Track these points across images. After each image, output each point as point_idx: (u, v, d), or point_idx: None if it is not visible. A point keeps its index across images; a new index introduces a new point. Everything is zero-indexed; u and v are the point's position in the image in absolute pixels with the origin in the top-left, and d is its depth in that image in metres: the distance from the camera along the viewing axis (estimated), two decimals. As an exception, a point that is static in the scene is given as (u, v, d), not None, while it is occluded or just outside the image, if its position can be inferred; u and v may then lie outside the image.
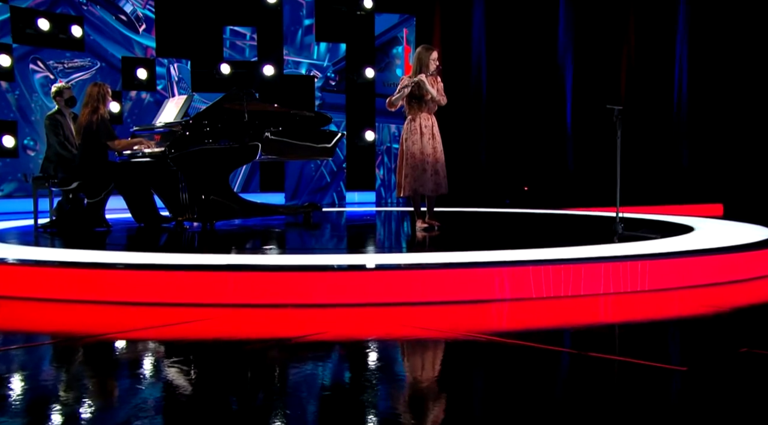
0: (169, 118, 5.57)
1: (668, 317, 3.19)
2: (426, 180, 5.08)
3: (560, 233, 5.51)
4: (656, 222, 5.97)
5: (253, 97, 5.84)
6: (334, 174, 10.39)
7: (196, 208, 5.45)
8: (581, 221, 6.40)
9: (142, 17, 9.62)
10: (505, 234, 5.43)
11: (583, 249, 4.00)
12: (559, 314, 3.17)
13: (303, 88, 10.23)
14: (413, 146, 5.10)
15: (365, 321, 2.95)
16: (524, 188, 10.40)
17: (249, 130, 5.58)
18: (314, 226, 6.17)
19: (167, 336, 2.71)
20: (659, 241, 4.37)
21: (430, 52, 5.16)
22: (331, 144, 6.51)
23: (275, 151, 5.91)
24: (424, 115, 5.15)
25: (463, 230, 5.75)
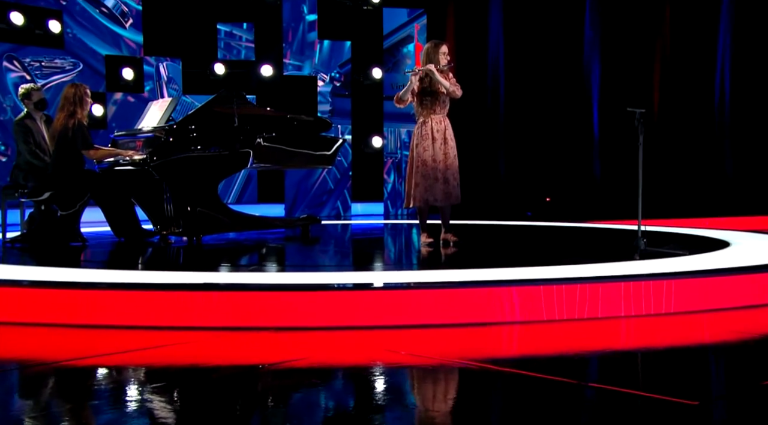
0: (152, 122, 5.63)
1: (689, 344, 3.15)
2: (437, 190, 5.09)
3: (579, 248, 5.50)
4: (688, 237, 5.94)
5: (245, 99, 5.87)
6: (338, 183, 10.42)
7: (182, 221, 5.48)
8: (604, 236, 6.37)
9: (128, 12, 9.73)
10: (519, 250, 5.44)
11: (601, 267, 3.98)
12: (570, 339, 3.15)
13: (305, 91, 10.28)
14: (424, 153, 5.10)
15: (351, 345, 2.96)
16: (546, 199, 10.37)
17: (239, 136, 5.61)
18: (312, 241, 6.18)
19: (139, 362, 2.73)
20: (686, 258, 4.35)
21: (439, 46, 5.18)
22: (330, 151, 6.53)
23: (269, 159, 5.92)
24: (437, 117, 5.15)
25: (474, 244, 5.76)
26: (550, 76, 10.50)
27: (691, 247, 4.98)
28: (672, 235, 6.03)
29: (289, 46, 10.20)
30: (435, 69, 5.07)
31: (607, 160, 10.41)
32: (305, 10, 10.29)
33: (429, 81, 5.13)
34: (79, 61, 9.43)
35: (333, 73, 10.37)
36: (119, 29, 9.70)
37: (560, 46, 10.53)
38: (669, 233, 6.26)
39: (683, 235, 6.10)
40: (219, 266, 4.52)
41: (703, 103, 10.58)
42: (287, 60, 10.18)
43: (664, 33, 10.56)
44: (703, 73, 10.57)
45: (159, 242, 5.69)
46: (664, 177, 10.23)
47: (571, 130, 10.59)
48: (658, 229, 6.49)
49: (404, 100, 5.20)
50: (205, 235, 5.62)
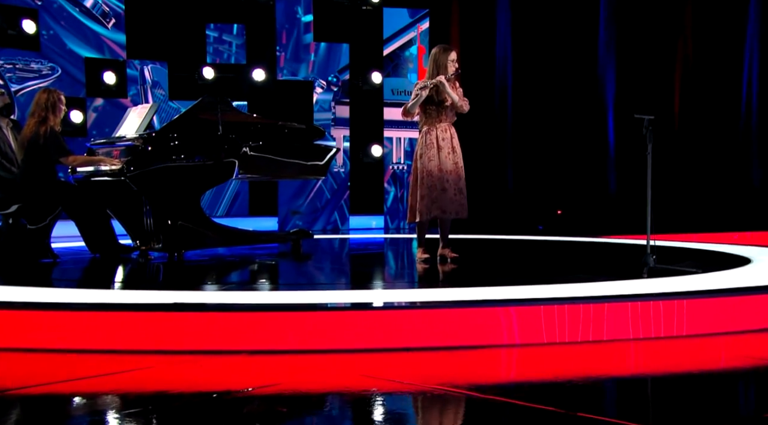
0: (131, 130, 5.64)
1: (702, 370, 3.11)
2: (447, 202, 5.07)
3: (586, 265, 5.49)
4: (706, 253, 5.92)
5: (230, 106, 5.90)
6: (335, 195, 10.42)
7: (162, 236, 5.48)
8: (615, 251, 6.35)
9: (110, 12, 9.77)
10: (521, 267, 5.43)
11: (607, 285, 3.97)
12: (571, 363, 3.12)
13: (300, 97, 10.31)
14: (430, 163, 5.10)
15: (326, 370, 2.94)
16: (557, 212, 10.34)
17: (224, 144, 5.63)
18: (303, 257, 6.18)
19: (99, 389, 2.71)
20: (700, 276, 4.32)
21: (448, 52, 5.20)
22: (323, 161, 6.56)
23: (256, 169, 5.95)
24: (442, 126, 5.17)
25: (475, 261, 5.76)
26: (561, 80, 10.49)
27: (708, 264, 4.96)
28: (688, 251, 6.01)
29: (284, 49, 10.24)
30: (445, 79, 5.09)
31: (623, 170, 10.37)
32: (300, 11, 10.33)
33: (436, 91, 5.15)
34: (56, 66, 9.45)
35: (330, 77, 10.39)
36: (101, 30, 9.74)
37: (573, 48, 10.54)
38: (685, 248, 6.24)
39: (701, 251, 6.09)
40: (199, 284, 4.51)
41: (727, 109, 10.54)
42: (281, 64, 10.21)
43: (686, 33, 10.54)
44: (728, 77, 10.53)
45: (138, 258, 5.69)
46: (684, 188, 10.20)
47: (584, 138, 10.57)
48: (674, 244, 6.48)
49: (412, 114, 5.24)
50: (188, 250, 5.63)
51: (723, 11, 10.49)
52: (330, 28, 10.46)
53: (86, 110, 9.62)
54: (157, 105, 5.81)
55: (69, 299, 3.83)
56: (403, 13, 10.73)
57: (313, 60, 10.38)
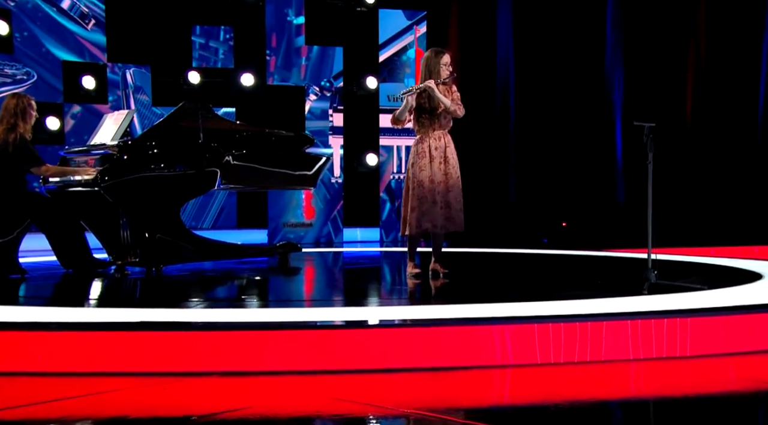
0: (106, 138, 5.64)
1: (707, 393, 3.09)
2: (436, 215, 5.08)
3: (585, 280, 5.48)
4: (716, 267, 5.91)
5: (211, 112, 5.89)
6: (329, 207, 10.41)
7: (138, 249, 5.47)
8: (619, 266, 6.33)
9: (89, 13, 9.77)
10: (517, 282, 5.43)
11: (606, 302, 3.97)
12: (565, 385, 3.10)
13: (291, 103, 10.30)
14: (420, 173, 5.12)
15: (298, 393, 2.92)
16: (562, 224, 10.32)
17: (205, 153, 5.62)
18: (290, 271, 6.17)
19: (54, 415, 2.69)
20: (706, 293, 4.30)
21: (441, 56, 5.22)
22: (312, 171, 6.55)
23: (240, 179, 5.95)
24: (435, 134, 5.18)
25: (468, 276, 5.76)
26: (566, 84, 10.48)
27: (717, 279, 4.94)
28: (697, 265, 6.00)
29: (274, 52, 10.25)
30: (435, 84, 5.10)
31: (631, 179, 10.34)
32: (291, 13, 10.35)
33: (428, 97, 5.16)
34: (32, 70, 9.44)
35: (323, 82, 10.39)
36: (80, 31, 9.74)
37: (578, 51, 10.52)
38: (694, 263, 6.23)
39: (710, 265, 6.07)
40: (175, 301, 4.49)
41: (743, 115, 10.50)
42: (271, 68, 10.22)
43: (699, 34, 10.52)
44: (744, 81, 10.49)
45: (114, 273, 5.66)
46: (697, 199, 10.16)
47: (590, 145, 10.55)
48: (682, 258, 6.47)
49: (402, 121, 5.25)
50: (166, 265, 5.61)
51: (739, 10, 10.44)
52: (323, 31, 10.46)
53: (63, 116, 9.60)
54: (134, 112, 5.82)
55: (34, 317, 3.79)
56: (400, 15, 10.74)
57: (305, 64, 10.38)
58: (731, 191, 10.35)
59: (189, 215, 10.21)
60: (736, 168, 10.40)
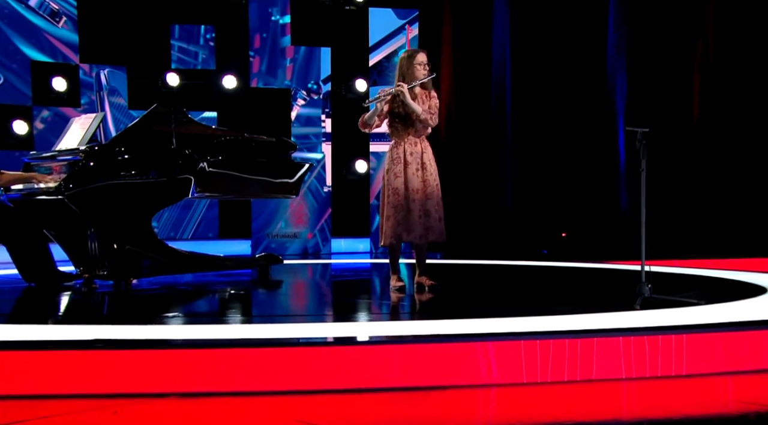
0: (72, 143, 5.62)
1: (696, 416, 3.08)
2: (412, 224, 5.10)
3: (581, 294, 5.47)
4: (719, 281, 5.91)
5: (185, 116, 5.88)
6: (316, 216, 10.40)
7: (107, 262, 5.45)
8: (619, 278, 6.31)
9: (59, 11, 9.73)
10: (508, 296, 5.43)
11: (599, 318, 3.97)
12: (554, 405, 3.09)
13: (276, 106, 10.30)
14: (396, 180, 5.16)
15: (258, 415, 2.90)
16: (562, 234, 10.30)
17: (178, 159, 5.61)
18: (270, 284, 6.16)
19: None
20: (704, 308, 4.30)
21: (413, 57, 5.24)
22: (293, 179, 6.57)
23: (216, 186, 5.94)
24: (410, 139, 5.21)
25: (456, 289, 5.76)
26: (566, 87, 10.46)
27: (717, 293, 4.95)
28: (698, 278, 6.01)
29: (257, 53, 10.24)
30: (407, 89, 5.10)
31: (635, 188, 10.29)
32: (276, 12, 10.35)
33: (401, 101, 5.18)
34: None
35: (310, 84, 10.39)
36: (51, 29, 9.69)
37: (578, 51, 10.52)
38: (695, 276, 6.24)
39: (712, 279, 6.08)
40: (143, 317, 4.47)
41: (755, 118, 10.48)
42: (255, 70, 10.20)
43: (706, 34, 10.52)
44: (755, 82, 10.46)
45: (81, 287, 5.64)
46: (705, 206, 10.14)
47: (591, 151, 10.54)
48: (683, 271, 6.49)
49: (370, 125, 5.30)
50: (137, 278, 5.61)
51: (750, 6, 10.40)
52: (309, 31, 10.46)
53: (32, 120, 9.55)
54: (103, 115, 5.80)
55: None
56: (391, 15, 10.74)
57: (290, 66, 10.37)
58: (742, 198, 10.32)
59: (167, 225, 10.19)
60: (747, 174, 10.37)
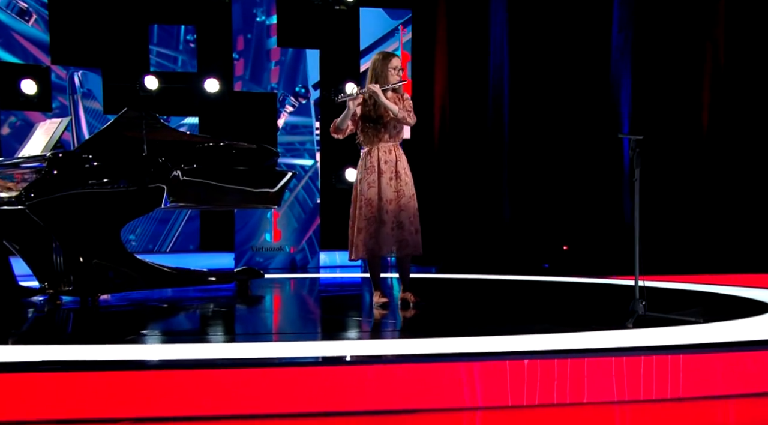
0: (36, 150, 5.60)
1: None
2: (385, 237, 5.13)
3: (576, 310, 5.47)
4: (724, 297, 5.90)
5: (158, 121, 5.87)
6: (304, 227, 10.38)
7: (72, 276, 5.41)
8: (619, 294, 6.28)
9: (28, 9, 9.69)
10: (497, 313, 5.42)
11: (590, 336, 3.98)
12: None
13: (262, 111, 10.30)
14: (369, 190, 5.17)
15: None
16: (563, 247, 10.29)
17: (149, 167, 5.60)
18: (250, 300, 6.16)
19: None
20: (702, 326, 4.31)
21: (388, 59, 5.28)
22: (275, 188, 6.57)
23: (190, 196, 5.94)
24: (385, 146, 5.23)
25: (444, 306, 5.75)
26: (567, 91, 10.48)
27: (719, 311, 4.97)
28: (702, 295, 6.01)
29: (242, 55, 10.24)
30: (380, 90, 5.13)
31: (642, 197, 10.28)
32: (261, 11, 10.35)
33: (373, 104, 5.20)
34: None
35: (297, 88, 10.38)
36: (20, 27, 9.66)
37: (580, 53, 10.54)
38: (699, 292, 6.25)
39: (717, 295, 6.08)
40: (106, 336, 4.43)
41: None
42: (238, 73, 10.20)
43: (717, 35, 10.52)
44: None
45: (45, 303, 5.61)
46: (716, 219, 10.11)
47: (594, 159, 10.53)
48: (687, 287, 6.49)
49: (342, 130, 5.31)
50: (105, 294, 5.58)
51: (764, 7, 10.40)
52: (297, 32, 10.49)
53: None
54: (68, 120, 5.78)
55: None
56: (383, 15, 10.75)
57: (277, 69, 10.36)
58: (755, 210, 10.31)
59: (145, 237, 10.19)
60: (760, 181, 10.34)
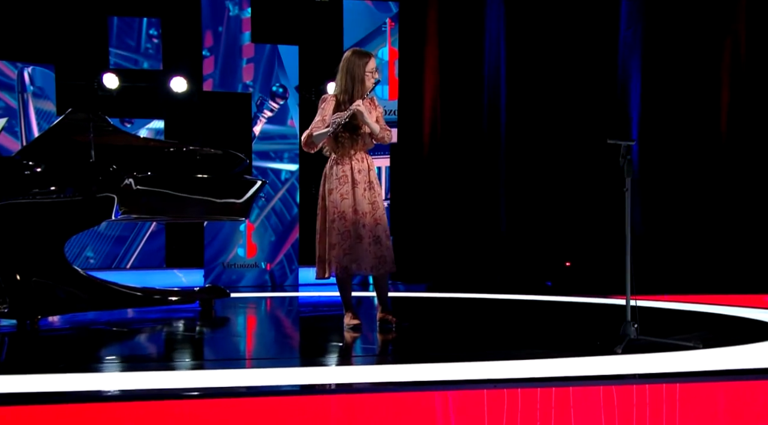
0: (-33, 155, 5.60)
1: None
2: (363, 253, 5.16)
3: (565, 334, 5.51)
4: (734, 320, 5.93)
5: (108, 124, 5.84)
6: (281, 241, 10.38)
7: (8, 297, 5.39)
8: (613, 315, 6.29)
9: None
10: (482, 337, 5.43)
11: (577, 363, 4.02)
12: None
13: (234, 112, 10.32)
14: (342, 202, 5.19)
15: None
16: (566, 263, 10.27)
17: (97, 174, 5.58)
18: (214, 322, 6.17)
19: None
20: (700, 352, 4.33)
21: (365, 60, 5.31)
22: (243, 199, 6.59)
23: (146, 207, 5.95)
24: (358, 155, 5.29)
25: (428, 329, 5.76)
26: (570, 92, 10.48)
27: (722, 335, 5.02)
28: (709, 317, 6.06)
29: (212, 51, 10.24)
30: (365, 109, 5.17)
31: (652, 208, 10.30)
32: (233, 4, 10.37)
33: (351, 115, 5.21)
34: None
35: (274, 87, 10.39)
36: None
37: (585, 51, 10.54)
38: (706, 313, 6.30)
39: (725, 317, 6.12)
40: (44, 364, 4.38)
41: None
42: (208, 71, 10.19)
43: (737, 30, 10.52)
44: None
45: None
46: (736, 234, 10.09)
47: (600, 166, 10.51)
48: (696, 308, 6.53)
49: (316, 145, 5.34)
50: (46, 316, 5.59)
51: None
52: (274, 27, 10.52)
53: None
54: (5, 121, 5.77)
55: None
56: (369, 8, 10.76)
57: (250, 67, 10.37)
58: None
59: (102, 251, 10.16)
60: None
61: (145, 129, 10.35)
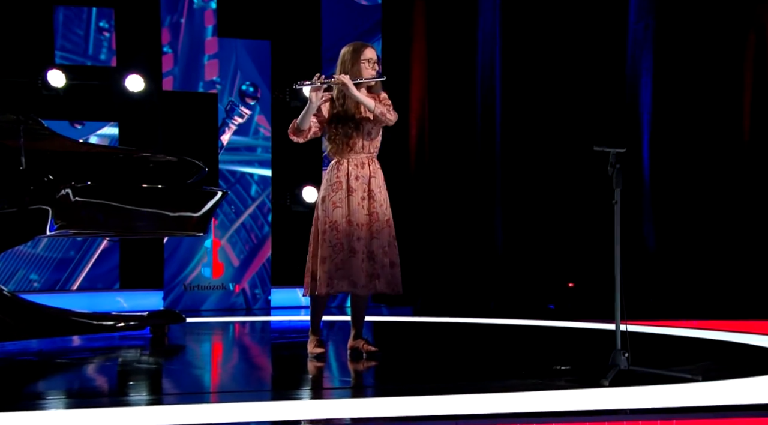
0: None
1: None
2: (355, 270, 5.07)
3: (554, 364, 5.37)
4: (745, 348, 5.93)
5: (42, 127, 5.79)
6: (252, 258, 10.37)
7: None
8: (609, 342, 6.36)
9: None
10: (462, 367, 5.42)
11: (562, 396, 4.07)
12: None
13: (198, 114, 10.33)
14: (335, 211, 5.14)
15: None
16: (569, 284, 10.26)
17: (28, 184, 5.54)
18: (165, 351, 6.18)
19: None
20: (701, 384, 4.35)
21: (360, 50, 5.25)
22: (200, 212, 6.54)
23: (85, 221, 5.90)
24: (356, 157, 5.20)
25: (405, 358, 5.77)
26: (573, 95, 10.49)
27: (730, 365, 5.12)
28: (718, 344, 6.09)
29: (172, 47, 10.24)
30: (350, 81, 5.07)
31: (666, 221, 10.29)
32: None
33: (343, 101, 5.17)
34: None
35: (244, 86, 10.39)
36: None
37: (589, 48, 10.56)
38: (717, 341, 6.32)
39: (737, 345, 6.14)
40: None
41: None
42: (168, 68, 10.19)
43: (763, 23, 10.55)
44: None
45: None
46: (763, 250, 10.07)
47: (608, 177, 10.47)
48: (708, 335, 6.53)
49: (303, 132, 5.22)
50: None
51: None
52: (242, 19, 10.55)
53: None
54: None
55: None
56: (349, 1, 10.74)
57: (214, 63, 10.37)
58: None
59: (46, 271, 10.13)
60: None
61: (95, 136, 10.30)
